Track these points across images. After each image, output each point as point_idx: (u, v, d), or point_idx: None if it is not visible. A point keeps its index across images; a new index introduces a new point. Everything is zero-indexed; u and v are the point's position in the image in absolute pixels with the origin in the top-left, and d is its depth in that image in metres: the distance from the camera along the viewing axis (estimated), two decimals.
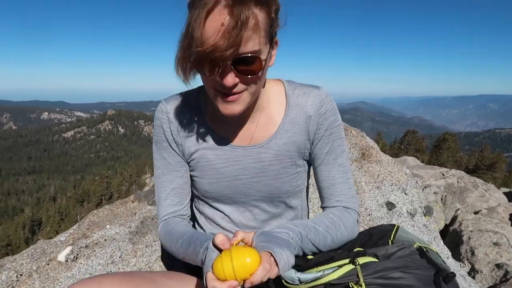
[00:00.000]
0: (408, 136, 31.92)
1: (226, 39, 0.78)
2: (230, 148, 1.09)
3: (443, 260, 1.08)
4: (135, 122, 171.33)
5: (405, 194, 2.54)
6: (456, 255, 3.02)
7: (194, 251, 0.99)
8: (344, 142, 1.14)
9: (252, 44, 0.84)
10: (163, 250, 1.99)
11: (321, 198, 1.19)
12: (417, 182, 2.89)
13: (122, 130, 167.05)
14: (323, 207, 1.20)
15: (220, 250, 0.88)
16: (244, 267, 0.80)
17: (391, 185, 2.55)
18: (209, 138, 1.10)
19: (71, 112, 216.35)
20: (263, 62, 0.88)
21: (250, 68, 0.87)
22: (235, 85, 0.88)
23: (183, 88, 1.00)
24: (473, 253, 2.92)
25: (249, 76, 0.88)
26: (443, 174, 6.69)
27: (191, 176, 1.17)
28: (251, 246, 0.88)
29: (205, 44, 0.80)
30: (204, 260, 0.91)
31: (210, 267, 0.85)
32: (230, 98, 0.91)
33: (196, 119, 1.11)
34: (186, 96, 1.13)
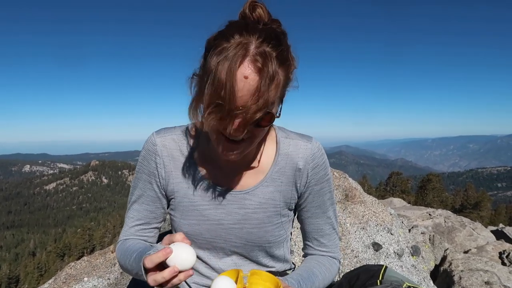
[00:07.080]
0: (393, 178, 32.22)
1: (256, 101, 0.77)
2: (215, 191, 1.05)
3: None
4: (119, 172, 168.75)
5: (391, 234, 2.52)
6: None
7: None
8: (333, 196, 1.14)
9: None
10: None
11: (306, 245, 1.20)
12: (402, 222, 2.88)
13: (105, 181, 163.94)
14: (307, 254, 1.20)
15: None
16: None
17: (376, 226, 2.54)
18: (195, 178, 1.06)
19: (54, 164, 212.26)
20: (274, 118, 0.87)
21: (263, 123, 0.85)
22: (243, 134, 0.86)
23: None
24: None
25: (260, 128, 0.87)
26: (430, 214, 6.68)
27: (171, 216, 1.13)
28: None
29: (236, 102, 0.77)
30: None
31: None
32: (235, 148, 0.88)
33: (184, 155, 1.07)
34: (176, 131, 1.09)
